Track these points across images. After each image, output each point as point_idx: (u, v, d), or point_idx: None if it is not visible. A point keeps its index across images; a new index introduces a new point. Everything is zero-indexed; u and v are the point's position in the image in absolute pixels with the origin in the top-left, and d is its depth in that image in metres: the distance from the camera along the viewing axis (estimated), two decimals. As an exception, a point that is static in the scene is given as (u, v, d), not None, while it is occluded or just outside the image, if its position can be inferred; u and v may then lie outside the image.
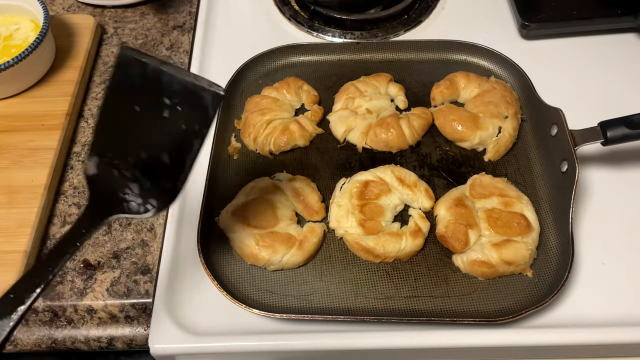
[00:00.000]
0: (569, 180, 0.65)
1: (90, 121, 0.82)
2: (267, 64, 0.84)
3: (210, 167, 0.71)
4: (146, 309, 0.66)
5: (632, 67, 0.85)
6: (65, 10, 0.97)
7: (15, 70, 0.77)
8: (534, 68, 0.79)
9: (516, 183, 0.71)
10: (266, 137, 0.75)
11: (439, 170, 0.74)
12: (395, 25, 0.92)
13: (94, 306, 0.66)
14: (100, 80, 0.87)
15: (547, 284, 0.63)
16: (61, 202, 0.74)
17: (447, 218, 0.66)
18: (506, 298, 0.63)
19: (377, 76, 0.80)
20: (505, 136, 0.74)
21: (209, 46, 0.89)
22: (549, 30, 0.88)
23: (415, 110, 0.77)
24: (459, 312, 0.62)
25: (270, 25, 0.94)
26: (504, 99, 0.76)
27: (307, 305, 0.63)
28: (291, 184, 0.69)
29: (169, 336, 0.61)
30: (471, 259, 0.64)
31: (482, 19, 0.93)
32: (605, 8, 0.88)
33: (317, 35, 0.91)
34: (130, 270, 0.68)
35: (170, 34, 0.93)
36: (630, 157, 0.75)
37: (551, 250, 0.66)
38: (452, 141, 0.76)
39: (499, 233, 0.65)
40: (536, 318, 0.62)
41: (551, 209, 0.69)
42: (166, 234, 0.69)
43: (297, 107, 0.80)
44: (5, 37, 0.85)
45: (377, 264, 0.66)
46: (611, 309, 0.63)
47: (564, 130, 0.68)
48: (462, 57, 0.84)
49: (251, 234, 0.65)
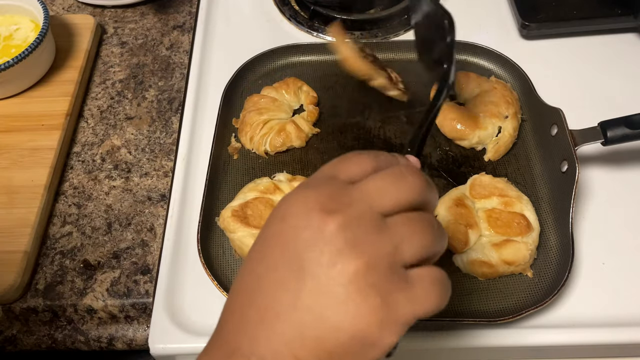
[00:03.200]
0: (569, 180, 0.65)
1: (90, 121, 0.82)
2: (267, 64, 0.84)
3: (210, 167, 0.71)
4: (146, 309, 0.66)
5: (632, 67, 0.85)
6: (65, 10, 0.97)
7: (15, 70, 0.77)
8: (534, 68, 0.79)
9: (516, 183, 0.71)
10: (262, 137, 0.75)
11: (439, 170, 0.74)
12: (395, 25, 0.92)
13: (94, 306, 0.66)
14: (100, 80, 0.87)
15: (547, 284, 0.63)
16: (61, 202, 0.74)
17: (447, 218, 0.66)
18: (506, 298, 0.63)
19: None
20: (505, 136, 0.74)
21: (209, 46, 0.89)
22: (549, 30, 0.88)
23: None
24: (459, 312, 0.62)
25: (270, 25, 0.94)
26: (504, 98, 0.76)
27: (307, 305, 0.63)
28: (291, 184, 0.69)
29: (169, 336, 0.61)
30: (471, 259, 0.64)
31: (482, 19, 0.93)
32: (605, 8, 0.88)
33: (317, 35, 0.91)
34: (130, 270, 0.68)
35: (170, 34, 0.93)
36: (630, 157, 0.75)
37: (551, 250, 0.66)
38: (452, 140, 0.76)
39: (499, 233, 0.65)
40: (536, 318, 0.62)
41: (551, 209, 0.69)
42: (166, 234, 0.69)
43: (296, 107, 0.80)
44: (5, 37, 0.85)
45: (377, 264, 0.66)
46: (611, 309, 0.63)
47: (564, 130, 0.68)
48: (462, 57, 0.84)
49: (251, 234, 0.65)
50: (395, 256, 0.35)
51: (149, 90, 0.86)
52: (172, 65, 0.89)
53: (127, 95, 0.85)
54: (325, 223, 0.35)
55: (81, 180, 0.76)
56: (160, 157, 0.78)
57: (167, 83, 0.87)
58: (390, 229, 0.36)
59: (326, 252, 0.34)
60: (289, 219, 0.37)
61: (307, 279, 0.35)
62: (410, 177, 0.38)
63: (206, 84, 0.84)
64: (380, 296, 0.34)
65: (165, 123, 0.82)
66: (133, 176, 0.76)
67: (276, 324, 0.35)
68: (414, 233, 0.37)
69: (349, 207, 0.36)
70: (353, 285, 0.34)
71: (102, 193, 0.74)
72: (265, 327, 0.36)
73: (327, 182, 0.39)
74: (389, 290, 0.34)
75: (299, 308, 0.35)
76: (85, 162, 0.78)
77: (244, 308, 0.37)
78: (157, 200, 0.74)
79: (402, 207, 0.37)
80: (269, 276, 0.36)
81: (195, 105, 0.81)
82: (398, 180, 0.38)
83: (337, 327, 0.34)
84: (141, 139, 0.80)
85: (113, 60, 0.90)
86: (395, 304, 0.34)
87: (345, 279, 0.34)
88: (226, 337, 0.38)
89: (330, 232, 0.34)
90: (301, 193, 0.38)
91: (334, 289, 0.34)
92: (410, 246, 0.36)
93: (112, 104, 0.84)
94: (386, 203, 0.37)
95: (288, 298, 0.35)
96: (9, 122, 0.79)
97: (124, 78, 0.88)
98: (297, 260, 0.35)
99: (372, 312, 0.34)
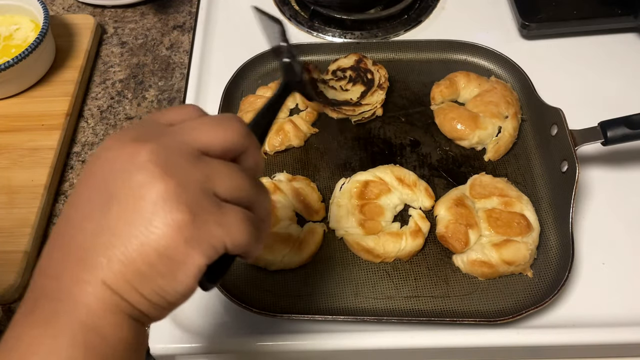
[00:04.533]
0: (569, 180, 0.65)
1: (90, 121, 0.82)
2: (267, 64, 0.84)
3: (210, 167, 0.71)
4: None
5: (632, 67, 0.85)
6: (65, 10, 0.97)
7: (15, 70, 0.77)
8: (534, 68, 0.79)
9: (516, 183, 0.71)
10: None
11: (439, 170, 0.74)
12: (395, 25, 0.92)
13: (94, 306, 0.66)
14: (100, 80, 0.87)
15: (547, 284, 0.63)
16: (61, 202, 0.74)
17: (447, 218, 0.66)
18: (506, 298, 0.63)
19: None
20: (505, 136, 0.74)
21: (209, 46, 0.89)
22: (549, 30, 0.88)
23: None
24: (459, 312, 0.62)
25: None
26: (504, 98, 0.76)
27: (307, 305, 0.63)
28: (291, 184, 0.69)
29: (169, 336, 0.61)
30: (471, 259, 0.64)
31: (482, 19, 0.93)
32: (605, 8, 0.88)
33: (317, 35, 0.91)
34: (130, 270, 0.68)
35: (170, 34, 0.93)
36: (630, 157, 0.75)
37: (551, 250, 0.66)
38: (452, 140, 0.76)
39: (499, 233, 0.65)
40: (536, 318, 0.62)
41: (551, 209, 0.69)
42: (166, 234, 0.69)
43: (292, 107, 0.80)
44: (5, 37, 0.85)
45: (377, 264, 0.66)
46: (611, 309, 0.63)
47: (564, 130, 0.68)
48: (462, 57, 0.84)
49: (251, 234, 0.65)
50: (207, 183, 0.35)
51: (149, 90, 0.86)
52: (172, 65, 0.89)
53: (127, 95, 0.85)
54: (136, 151, 0.34)
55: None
56: (160, 157, 0.78)
57: (167, 83, 0.87)
58: (204, 162, 0.36)
59: (136, 176, 0.34)
60: (102, 154, 0.36)
61: (114, 203, 0.34)
62: (229, 121, 0.38)
63: (206, 84, 0.84)
64: (189, 213, 0.33)
65: (165, 123, 0.81)
66: (133, 176, 0.76)
67: (80, 254, 0.34)
68: (228, 171, 0.36)
69: (163, 137, 0.35)
70: (161, 202, 0.33)
71: (102, 193, 0.74)
72: (69, 262, 0.34)
73: (143, 123, 0.38)
74: (198, 210, 0.34)
75: (103, 232, 0.34)
76: (85, 162, 0.78)
77: (52, 253, 0.36)
78: (157, 200, 0.74)
79: (217, 146, 0.37)
80: (77, 214, 0.36)
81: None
82: (217, 123, 0.37)
83: (144, 243, 0.33)
84: (141, 139, 0.80)
85: (113, 60, 0.90)
86: (204, 225, 0.34)
87: (154, 196, 0.33)
88: (33, 287, 0.36)
89: (141, 158, 0.34)
90: (118, 132, 0.37)
91: (142, 207, 0.33)
92: (223, 180, 0.36)
93: (112, 104, 0.84)
94: (202, 138, 0.36)
95: (92, 226, 0.34)
96: (9, 122, 0.79)
97: (124, 78, 0.88)
98: (105, 191, 0.34)
99: (179, 229, 0.33)
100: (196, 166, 0.35)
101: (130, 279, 0.34)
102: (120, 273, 0.33)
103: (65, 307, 0.34)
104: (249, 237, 0.36)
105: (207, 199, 0.35)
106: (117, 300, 0.34)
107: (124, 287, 0.34)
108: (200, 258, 0.34)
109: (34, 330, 0.34)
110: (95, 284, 0.33)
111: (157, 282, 0.34)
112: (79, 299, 0.33)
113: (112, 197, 0.34)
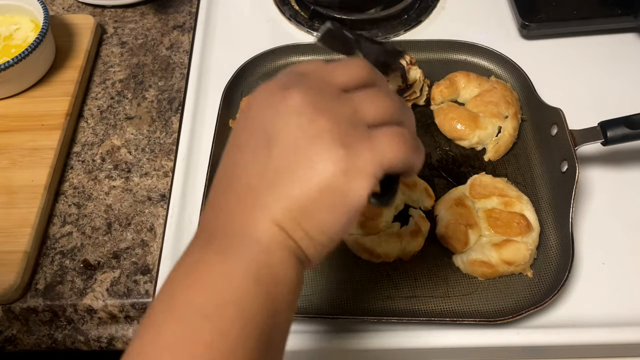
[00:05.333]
0: (569, 180, 0.65)
1: (90, 121, 0.82)
2: (267, 64, 0.84)
3: (210, 167, 0.71)
4: (146, 309, 0.66)
5: (632, 67, 0.85)
6: (65, 10, 0.97)
7: (15, 70, 0.77)
8: (534, 68, 0.79)
9: (516, 183, 0.71)
10: None
11: (439, 170, 0.74)
12: (395, 25, 0.92)
13: (94, 306, 0.66)
14: (100, 80, 0.87)
15: (547, 284, 0.63)
16: (61, 202, 0.74)
17: (447, 218, 0.66)
18: (506, 298, 0.63)
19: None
20: (505, 136, 0.74)
21: (209, 46, 0.89)
22: (549, 30, 0.88)
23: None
24: (459, 312, 0.62)
25: (270, 25, 0.94)
26: (504, 98, 0.76)
27: (307, 305, 0.63)
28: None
29: (169, 336, 0.61)
30: (471, 259, 0.64)
31: (482, 19, 0.93)
32: (605, 8, 0.88)
33: (317, 35, 0.91)
34: (130, 271, 0.68)
35: (170, 34, 0.93)
36: (630, 157, 0.75)
37: (551, 250, 0.66)
38: (452, 140, 0.76)
39: (499, 233, 0.65)
40: (536, 318, 0.62)
41: (551, 209, 0.69)
42: (166, 234, 0.69)
43: None
44: (5, 37, 0.85)
45: (377, 264, 0.66)
46: (611, 309, 0.63)
47: (564, 130, 0.68)
48: (462, 57, 0.84)
49: (251, 234, 0.65)
50: (355, 116, 0.38)
51: (149, 90, 0.86)
52: (172, 65, 0.89)
53: (127, 95, 0.85)
54: (285, 98, 0.37)
55: (81, 180, 0.76)
56: (160, 157, 0.78)
57: (167, 83, 0.87)
58: (347, 97, 0.39)
59: (292, 118, 0.37)
60: (254, 103, 0.39)
61: (274, 145, 0.37)
62: (356, 61, 0.41)
63: (206, 84, 0.84)
64: (343, 147, 0.36)
65: (165, 123, 0.82)
66: (133, 176, 0.76)
67: (249, 195, 0.37)
68: (370, 98, 0.39)
69: (307, 81, 0.39)
70: (317, 140, 0.36)
71: (102, 193, 0.74)
72: (241, 203, 0.37)
73: (284, 74, 0.41)
74: (351, 143, 0.36)
75: (268, 172, 0.36)
76: (85, 162, 0.78)
77: (222, 195, 0.39)
78: (157, 200, 0.74)
79: (353, 82, 0.40)
80: (242, 156, 0.38)
81: (195, 105, 0.81)
82: (347, 64, 0.40)
83: (306, 180, 0.36)
84: (141, 139, 0.80)
85: (113, 60, 0.90)
86: (359, 154, 0.36)
87: (310, 134, 0.36)
88: (205, 226, 0.40)
89: (293, 102, 0.37)
90: (265, 83, 0.40)
91: (300, 146, 0.36)
92: (368, 108, 0.38)
93: (112, 104, 0.84)
94: (340, 78, 0.40)
95: (258, 167, 0.37)
96: (9, 122, 0.79)
97: (124, 78, 0.88)
98: (264, 135, 0.37)
99: (336, 163, 0.35)
100: (342, 102, 0.38)
101: (296, 215, 0.36)
102: (287, 209, 0.36)
103: (239, 243, 0.36)
104: (404, 151, 0.38)
105: (357, 130, 0.37)
106: (284, 238, 0.36)
107: (290, 224, 0.36)
108: (363, 185, 0.36)
109: (213, 257, 0.37)
110: (264, 221, 0.36)
111: (321, 216, 0.36)
112: (251, 236, 0.36)
113: (272, 139, 0.37)
